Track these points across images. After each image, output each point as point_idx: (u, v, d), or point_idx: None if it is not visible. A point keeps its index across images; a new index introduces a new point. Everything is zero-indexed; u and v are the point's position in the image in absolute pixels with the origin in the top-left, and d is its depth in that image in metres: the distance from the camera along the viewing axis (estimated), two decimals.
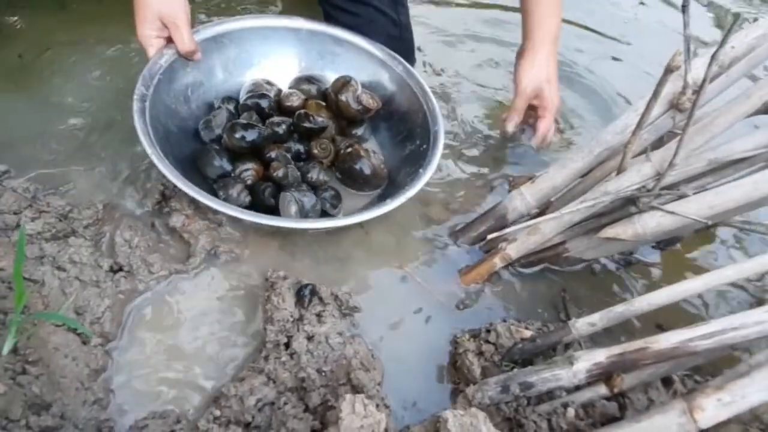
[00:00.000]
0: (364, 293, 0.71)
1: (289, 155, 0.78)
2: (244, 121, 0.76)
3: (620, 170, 0.68)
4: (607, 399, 0.60)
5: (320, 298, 0.66)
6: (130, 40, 0.92)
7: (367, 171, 0.78)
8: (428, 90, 0.83)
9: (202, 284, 0.68)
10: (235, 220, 0.71)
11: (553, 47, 0.86)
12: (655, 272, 0.82)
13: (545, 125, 0.86)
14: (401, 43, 0.93)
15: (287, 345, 0.62)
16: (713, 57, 0.57)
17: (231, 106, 0.82)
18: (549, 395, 0.61)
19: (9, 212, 0.66)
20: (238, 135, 0.74)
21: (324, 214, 0.76)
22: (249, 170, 0.75)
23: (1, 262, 0.62)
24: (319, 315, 0.65)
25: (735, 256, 0.86)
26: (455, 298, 0.73)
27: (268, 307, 0.64)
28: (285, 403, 0.58)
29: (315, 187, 0.77)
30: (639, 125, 0.65)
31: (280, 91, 0.86)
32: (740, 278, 0.60)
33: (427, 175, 0.74)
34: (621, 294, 0.78)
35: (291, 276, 0.68)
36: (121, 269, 0.66)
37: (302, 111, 0.80)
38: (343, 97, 0.82)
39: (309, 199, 0.73)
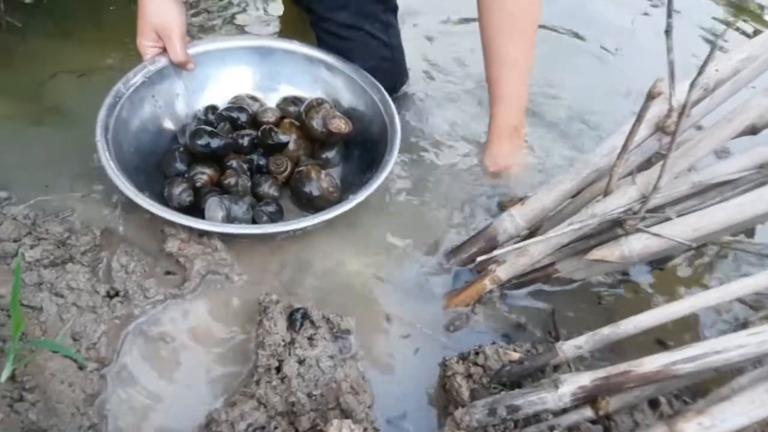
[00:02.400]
0: (355, 316, 0.72)
1: (248, 167, 0.81)
2: (209, 129, 0.80)
3: (606, 193, 0.69)
4: (593, 422, 0.61)
5: (312, 322, 0.68)
6: (130, 67, 0.94)
7: (315, 192, 0.78)
8: (397, 121, 0.83)
9: (196, 308, 0.70)
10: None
11: (510, 140, 0.88)
12: (648, 291, 0.82)
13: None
14: (393, 64, 0.95)
15: (278, 369, 0.63)
16: (692, 84, 0.58)
17: (212, 116, 0.85)
18: (536, 418, 0.62)
19: (9, 240, 0.68)
20: (201, 141, 0.78)
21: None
22: (203, 174, 0.78)
23: (0, 290, 0.64)
24: (310, 338, 0.66)
25: (729, 273, 0.86)
26: (443, 322, 0.73)
27: (260, 331, 0.66)
28: (275, 428, 0.59)
29: (260, 200, 0.79)
30: (624, 148, 0.65)
31: (261, 107, 0.90)
32: (725, 300, 0.61)
33: (357, 199, 0.74)
34: (612, 314, 0.78)
35: (283, 300, 0.69)
36: (117, 294, 0.68)
37: (267, 127, 0.83)
38: (310, 119, 0.84)
39: (239, 207, 0.75)
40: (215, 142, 0.78)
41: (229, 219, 0.74)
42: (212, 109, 0.87)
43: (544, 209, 0.75)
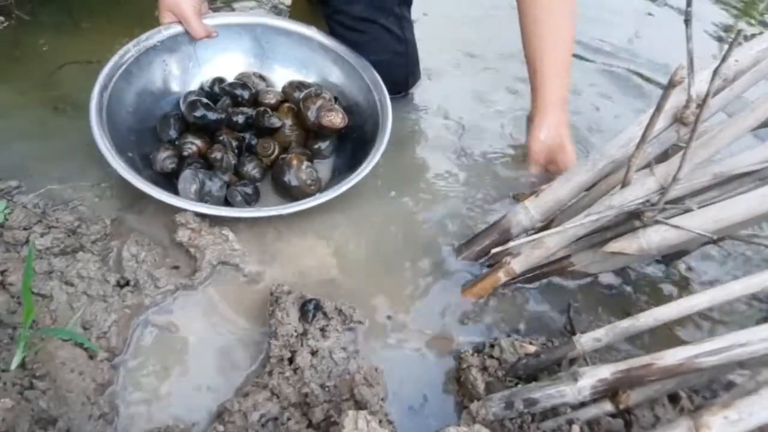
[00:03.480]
0: (368, 307, 0.71)
1: (237, 145, 0.81)
2: (206, 101, 0.81)
3: (624, 184, 0.68)
4: (613, 416, 0.60)
5: (324, 313, 0.67)
6: None
7: (292, 182, 0.78)
8: (388, 127, 0.81)
9: (207, 298, 0.69)
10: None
11: (562, 110, 0.86)
12: (662, 286, 0.81)
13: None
14: (406, 58, 0.94)
15: (291, 360, 0.63)
16: (715, 72, 0.57)
17: (217, 88, 0.86)
18: (554, 412, 0.61)
19: (19, 228, 0.67)
20: (196, 113, 0.79)
21: (227, 204, 0.77)
22: (192, 145, 0.78)
23: (10, 277, 0.63)
24: (323, 330, 0.65)
25: (744, 269, 0.85)
26: (457, 315, 0.72)
27: (272, 321, 0.65)
28: (288, 419, 0.58)
29: (242, 179, 0.79)
30: (643, 139, 0.64)
31: (265, 87, 0.89)
32: (747, 293, 0.60)
33: (332, 194, 0.73)
34: (627, 308, 0.77)
35: (295, 291, 0.68)
36: (127, 284, 0.67)
37: (262, 108, 0.83)
38: (306, 108, 0.83)
39: (214, 183, 0.75)
40: (210, 115, 0.79)
41: (202, 193, 0.74)
42: (219, 81, 0.87)
43: (559, 201, 0.74)
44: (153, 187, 0.69)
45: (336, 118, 0.82)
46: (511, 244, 0.71)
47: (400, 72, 0.95)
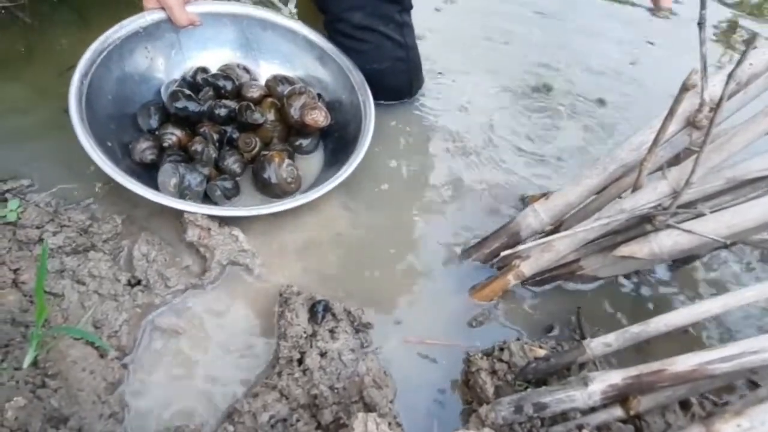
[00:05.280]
0: (377, 309, 0.71)
1: (218, 138, 0.80)
2: (188, 92, 0.80)
3: (636, 188, 0.67)
4: (623, 421, 0.59)
5: (333, 314, 0.67)
6: None
7: (272, 179, 0.77)
8: (369, 133, 0.81)
9: (217, 298, 0.69)
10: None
11: None
12: (672, 291, 0.80)
13: None
14: (408, 64, 0.93)
15: (300, 361, 0.63)
16: (730, 75, 0.57)
17: (199, 78, 0.85)
18: (563, 416, 0.60)
19: (32, 226, 0.67)
20: (177, 104, 0.79)
21: (207, 199, 0.77)
22: (173, 136, 0.78)
23: (23, 276, 0.64)
24: (332, 331, 0.65)
25: (756, 275, 0.84)
26: (465, 318, 0.72)
27: (281, 322, 0.65)
28: (297, 420, 0.58)
29: (222, 173, 0.79)
30: (655, 142, 0.64)
31: (249, 80, 0.89)
32: (761, 299, 0.59)
33: (312, 196, 0.74)
34: (637, 313, 0.77)
35: (304, 292, 0.68)
36: (138, 283, 0.68)
37: (245, 103, 0.82)
38: (289, 105, 0.83)
39: (194, 178, 0.74)
40: (191, 107, 0.79)
41: (181, 187, 0.74)
42: (202, 71, 0.87)
43: (569, 204, 0.74)
44: (132, 181, 0.68)
45: (319, 116, 0.82)
46: (520, 247, 0.70)
47: (403, 78, 0.94)
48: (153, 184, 0.74)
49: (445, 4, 1.24)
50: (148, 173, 0.76)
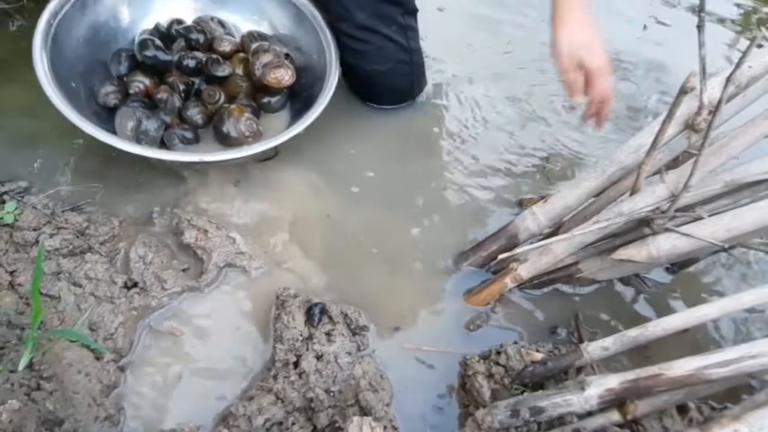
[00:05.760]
0: (374, 313, 0.71)
1: (184, 89, 0.82)
2: (158, 42, 0.82)
3: (634, 191, 0.67)
4: (620, 426, 0.59)
5: (330, 317, 0.67)
6: None
7: (231, 133, 0.78)
8: (331, 89, 0.81)
9: (213, 301, 0.69)
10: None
11: (583, 10, 0.76)
12: (670, 294, 0.80)
13: (594, 93, 0.76)
14: (411, 66, 0.93)
15: (296, 364, 0.62)
16: (728, 79, 0.56)
17: (174, 30, 0.86)
18: (560, 420, 0.60)
19: (29, 229, 0.67)
20: (147, 52, 0.81)
21: (163, 146, 0.78)
22: (140, 83, 0.80)
23: (19, 278, 0.64)
24: (328, 334, 0.65)
25: (754, 278, 0.84)
26: (462, 321, 0.72)
27: (277, 325, 0.65)
28: (293, 423, 0.58)
29: (184, 123, 0.80)
30: (653, 145, 0.64)
31: (222, 34, 0.89)
32: (759, 304, 0.59)
33: (270, 143, 0.74)
34: (635, 317, 0.76)
35: (301, 294, 0.68)
36: (135, 285, 0.68)
37: (213, 56, 0.83)
38: (253, 62, 0.83)
39: (151, 123, 0.75)
40: (160, 56, 0.81)
41: (138, 131, 0.75)
42: (177, 22, 0.87)
43: (567, 207, 0.74)
44: (84, 120, 0.69)
45: (284, 75, 0.82)
46: (518, 250, 0.70)
47: (404, 81, 0.94)
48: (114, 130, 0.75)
49: (448, 4, 1.23)
50: (111, 118, 0.78)
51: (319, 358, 0.63)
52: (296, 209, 0.79)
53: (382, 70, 0.88)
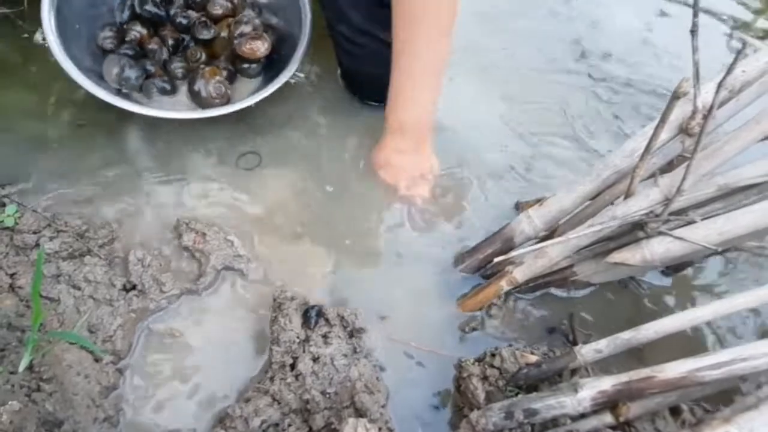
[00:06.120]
0: (370, 316, 0.71)
1: (173, 43, 0.88)
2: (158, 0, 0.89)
3: (628, 194, 0.68)
4: (613, 428, 0.59)
5: (326, 320, 0.67)
6: None
7: (202, 93, 0.83)
8: (296, 62, 0.84)
9: (211, 303, 0.70)
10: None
11: (396, 137, 0.80)
12: (666, 297, 0.81)
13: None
14: None
15: (293, 366, 0.63)
16: (720, 84, 0.57)
17: None
18: (554, 422, 0.61)
19: (29, 231, 0.68)
20: (147, 6, 0.87)
21: (144, 94, 0.84)
22: (136, 32, 0.87)
23: (20, 281, 0.64)
24: (325, 336, 0.66)
25: (749, 281, 0.84)
26: (457, 324, 0.72)
27: (274, 327, 0.65)
28: (289, 425, 0.58)
29: (166, 73, 0.86)
30: (647, 150, 0.64)
31: None
32: (750, 306, 0.60)
33: (241, 104, 0.79)
34: (630, 319, 0.77)
35: (298, 297, 0.69)
36: (133, 288, 0.68)
37: (200, 19, 0.89)
38: (232, 31, 0.88)
39: (133, 71, 0.83)
40: (156, 11, 0.88)
41: (120, 78, 0.82)
42: None
43: (563, 210, 0.74)
44: (67, 60, 0.74)
45: (260, 47, 0.86)
46: (513, 253, 0.71)
47: None
48: None
49: None
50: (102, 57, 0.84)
51: (315, 360, 0.64)
52: (292, 211, 0.80)
53: (378, 73, 0.89)
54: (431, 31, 0.73)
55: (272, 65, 0.91)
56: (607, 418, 0.59)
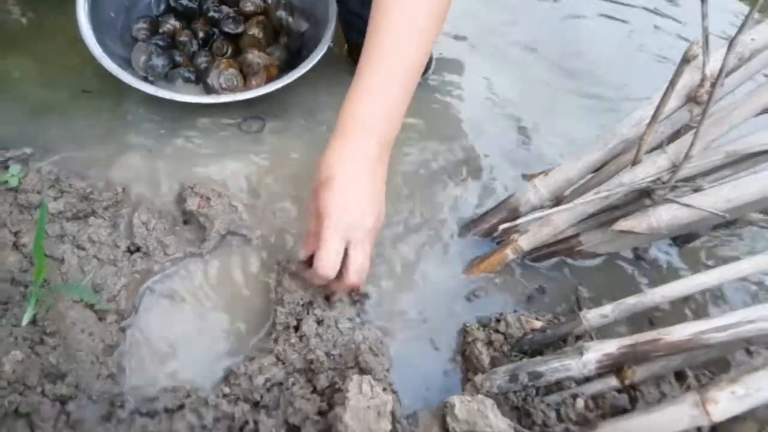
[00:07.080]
0: (375, 281, 0.71)
1: (203, 36, 0.90)
2: None
3: (635, 162, 0.67)
4: (618, 391, 0.59)
5: None
6: None
7: (213, 84, 0.85)
8: (306, 67, 0.82)
9: (215, 266, 0.70)
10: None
11: (356, 139, 0.57)
12: (673, 269, 0.80)
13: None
14: None
15: (297, 328, 0.63)
16: (731, 44, 0.56)
17: None
18: (558, 386, 0.60)
19: (33, 191, 0.68)
20: (182, 0, 0.91)
21: (170, 83, 0.86)
22: (169, 24, 0.90)
23: (24, 238, 0.64)
24: (328, 299, 0.66)
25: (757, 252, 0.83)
26: (463, 290, 0.72)
27: (279, 289, 0.65)
28: (293, 384, 0.58)
29: (192, 65, 0.88)
30: (654, 117, 0.64)
31: None
32: (756, 272, 0.59)
33: (243, 96, 0.79)
34: (636, 288, 0.77)
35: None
36: (138, 250, 0.68)
37: (232, 14, 0.91)
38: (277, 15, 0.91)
39: (160, 60, 0.85)
40: (188, 5, 0.91)
41: (147, 65, 0.85)
42: None
43: (569, 180, 0.74)
44: (95, 44, 0.77)
45: (252, 82, 0.88)
46: (518, 220, 0.70)
47: None
48: None
49: None
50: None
51: (319, 322, 0.63)
52: (298, 178, 0.80)
53: None
54: (411, 24, 0.61)
55: (294, 61, 0.89)
56: (612, 381, 0.59)
